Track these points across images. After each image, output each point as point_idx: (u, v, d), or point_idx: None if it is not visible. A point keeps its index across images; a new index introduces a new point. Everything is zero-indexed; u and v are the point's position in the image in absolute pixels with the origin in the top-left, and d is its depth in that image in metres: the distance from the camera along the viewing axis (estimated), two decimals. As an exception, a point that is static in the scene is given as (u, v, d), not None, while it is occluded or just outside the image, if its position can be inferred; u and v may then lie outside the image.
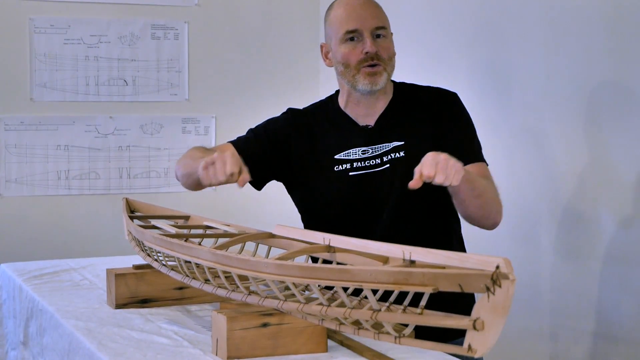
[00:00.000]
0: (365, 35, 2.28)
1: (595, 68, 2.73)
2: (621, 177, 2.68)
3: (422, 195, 2.27)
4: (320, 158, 2.36)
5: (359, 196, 2.32)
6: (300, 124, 2.43)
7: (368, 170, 2.31)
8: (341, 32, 2.30)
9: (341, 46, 2.31)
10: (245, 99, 4.38)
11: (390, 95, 2.38)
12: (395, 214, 2.29)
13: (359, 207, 2.32)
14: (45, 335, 2.35)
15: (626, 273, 2.67)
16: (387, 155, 2.31)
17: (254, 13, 4.37)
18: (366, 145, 2.33)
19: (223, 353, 1.83)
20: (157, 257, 2.21)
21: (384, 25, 2.30)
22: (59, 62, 4.08)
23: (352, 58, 2.29)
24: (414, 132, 2.32)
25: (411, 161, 2.24)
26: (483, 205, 2.22)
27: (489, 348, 1.34)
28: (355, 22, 2.28)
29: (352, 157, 2.33)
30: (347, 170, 2.32)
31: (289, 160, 2.40)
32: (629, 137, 2.65)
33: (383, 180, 2.30)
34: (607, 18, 2.70)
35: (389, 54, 2.30)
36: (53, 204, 4.10)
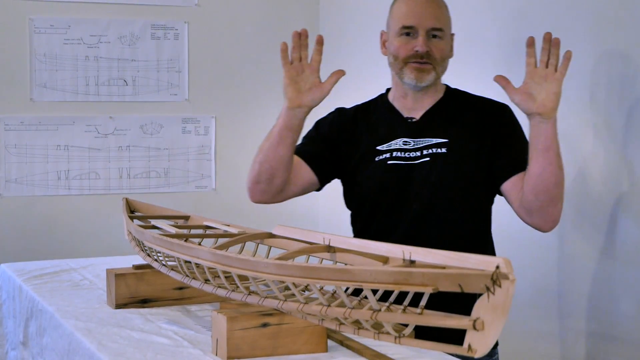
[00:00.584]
0: (420, 33, 2.32)
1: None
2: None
3: (458, 194, 2.31)
4: (365, 150, 2.40)
5: (393, 185, 2.35)
6: (346, 120, 2.48)
7: (406, 162, 2.35)
8: (398, 26, 2.36)
9: (396, 39, 2.37)
10: (245, 99, 4.38)
11: (440, 94, 2.42)
12: (426, 208, 2.32)
13: (393, 196, 2.36)
14: (45, 335, 2.35)
15: (626, 273, 2.67)
16: (428, 149, 2.34)
17: (254, 13, 4.37)
18: (408, 137, 2.37)
19: (223, 353, 1.83)
20: (157, 257, 2.21)
21: (441, 27, 2.34)
22: (59, 62, 4.08)
23: (402, 52, 2.35)
24: (459, 132, 2.34)
25: (452, 158, 2.29)
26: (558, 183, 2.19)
27: (489, 348, 1.34)
28: (412, 19, 2.34)
29: (393, 147, 2.37)
30: (386, 159, 2.36)
31: (339, 155, 2.45)
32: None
33: (420, 173, 2.33)
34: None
35: (441, 55, 2.34)
36: (53, 204, 4.10)
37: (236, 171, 4.37)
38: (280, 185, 2.39)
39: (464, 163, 2.32)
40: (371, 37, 4.02)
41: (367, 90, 3.99)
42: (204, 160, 4.31)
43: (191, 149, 4.28)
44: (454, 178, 2.31)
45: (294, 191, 2.45)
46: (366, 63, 4.03)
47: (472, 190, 2.34)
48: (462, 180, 2.32)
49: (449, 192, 2.32)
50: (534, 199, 2.22)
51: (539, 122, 2.13)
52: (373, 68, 3.98)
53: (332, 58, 4.37)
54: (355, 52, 4.15)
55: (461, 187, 2.32)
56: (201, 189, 4.31)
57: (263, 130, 4.40)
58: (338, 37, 4.31)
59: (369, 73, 3.99)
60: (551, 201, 2.22)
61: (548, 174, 2.18)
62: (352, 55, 4.17)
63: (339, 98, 4.39)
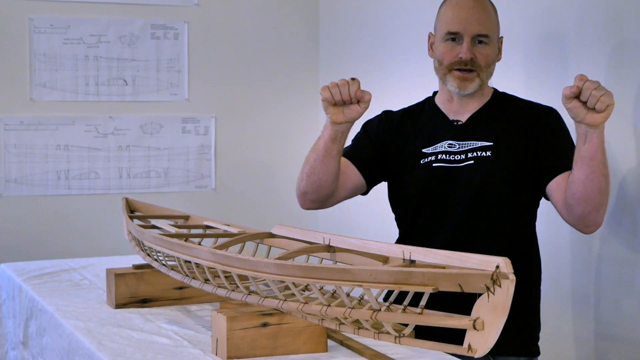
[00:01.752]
0: (465, 39, 2.31)
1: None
2: (628, 177, 2.67)
3: (501, 197, 2.31)
4: (410, 153, 2.41)
5: (438, 188, 2.35)
6: (393, 123, 2.48)
7: (451, 164, 2.34)
8: (444, 30, 2.35)
9: (441, 44, 2.35)
10: (245, 99, 4.38)
11: (487, 98, 2.41)
12: (470, 211, 2.32)
13: (437, 199, 2.36)
14: (45, 335, 2.35)
15: (626, 273, 2.67)
16: (473, 152, 2.34)
17: (254, 13, 4.37)
18: (454, 139, 2.37)
19: (223, 353, 1.84)
20: (157, 257, 2.21)
21: (487, 34, 2.32)
22: (58, 62, 4.08)
23: (447, 58, 2.33)
24: (505, 136, 2.33)
25: (497, 162, 2.29)
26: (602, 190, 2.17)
27: (489, 348, 1.34)
28: (458, 25, 2.32)
29: (438, 149, 2.37)
30: (431, 162, 2.36)
31: (386, 157, 2.45)
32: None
33: (464, 176, 2.33)
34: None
35: (487, 61, 2.33)
36: (53, 204, 4.10)
37: (236, 171, 4.38)
38: (329, 194, 2.39)
39: (508, 167, 2.31)
40: (371, 36, 4.03)
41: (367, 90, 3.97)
42: (204, 160, 4.30)
43: (191, 149, 4.28)
44: (498, 182, 2.31)
45: (343, 195, 2.45)
46: (366, 63, 4.03)
47: (516, 194, 2.32)
48: (506, 184, 2.31)
49: (492, 196, 2.31)
50: (575, 204, 2.20)
51: (586, 130, 2.10)
52: (373, 68, 3.98)
53: (332, 58, 4.38)
54: (356, 52, 4.15)
55: (505, 190, 2.31)
56: (201, 188, 4.31)
57: (263, 130, 4.45)
58: (338, 37, 4.31)
59: (369, 73, 3.99)
60: (593, 208, 2.20)
61: (591, 182, 2.15)
62: (352, 56, 4.17)
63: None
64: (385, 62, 3.89)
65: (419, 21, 3.62)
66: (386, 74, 3.87)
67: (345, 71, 4.21)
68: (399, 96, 3.71)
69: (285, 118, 4.43)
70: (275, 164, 4.44)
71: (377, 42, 3.95)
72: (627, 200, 2.67)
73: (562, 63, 2.92)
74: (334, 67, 4.33)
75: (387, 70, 3.87)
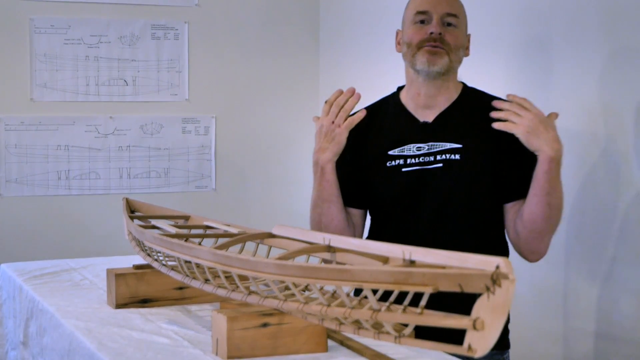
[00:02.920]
0: (435, 18, 2.32)
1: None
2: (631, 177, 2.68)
3: (472, 200, 2.30)
4: (376, 154, 2.39)
5: (408, 191, 2.34)
6: (359, 126, 2.41)
7: (420, 167, 2.33)
8: (412, 13, 2.36)
9: (410, 27, 2.36)
10: (245, 99, 4.38)
11: (455, 95, 2.39)
12: (441, 214, 2.32)
13: (408, 202, 2.35)
14: (45, 335, 2.35)
15: (626, 273, 2.67)
16: (441, 154, 2.32)
17: (254, 13, 4.37)
18: (421, 142, 2.35)
19: (223, 353, 1.83)
20: (157, 257, 2.21)
21: (455, 14, 2.33)
22: (59, 62, 4.08)
23: (416, 37, 2.33)
24: (474, 138, 2.32)
25: (466, 165, 2.28)
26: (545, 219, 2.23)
27: (489, 348, 1.34)
28: (426, 5, 2.34)
29: (407, 153, 2.35)
30: (400, 166, 2.35)
31: (356, 160, 2.42)
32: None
33: (434, 179, 2.32)
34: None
35: (455, 42, 2.33)
36: (53, 204, 4.10)
37: (236, 171, 4.38)
38: (342, 224, 2.39)
39: (477, 170, 2.31)
40: (371, 36, 4.03)
41: (367, 91, 3.98)
42: (204, 160, 4.31)
43: (191, 149, 4.28)
44: (468, 185, 2.31)
45: (357, 230, 2.44)
46: (366, 63, 4.03)
47: (486, 196, 2.33)
48: (476, 187, 2.31)
49: (462, 199, 2.31)
50: (521, 225, 2.26)
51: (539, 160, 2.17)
52: (373, 68, 3.98)
53: (333, 58, 4.38)
54: (356, 52, 4.15)
55: (475, 193, 2.31)
56: (201, 189, 4.31)
57: (263, 130, 4.45)
58: (338, 37, 4.31)
59: (369, 73, 3.99)
60: (538, 234, 2.24)
61: (535, 206, 2.21)
62: (352, 56, 4.18)
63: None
64: (385, 62, 3.89)
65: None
66: (386, 74, 3.86)
67: (345, 71, 4.21)
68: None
69: (285, 118, 4.43)
70: (275, 164, 4.44)
71: (378, 42, 3.95)
72: (624, 202, 2.68)
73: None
74: (334, 68, 4.33)
75: (388, 70, 3.87)
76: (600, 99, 2.75)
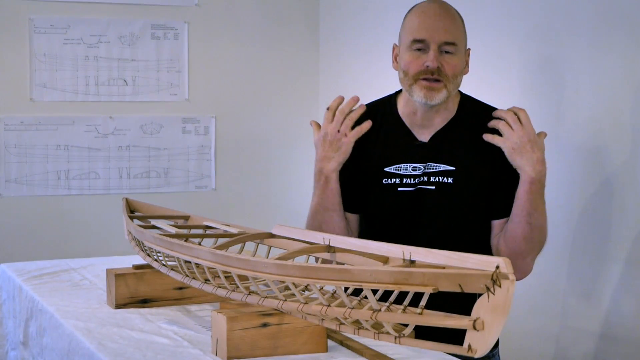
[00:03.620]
0: (432, 47, 2.22)
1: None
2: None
3: (466, 222, 2.29)
4: (372, 167, 2.35)
5: (403, 212, 2.31)
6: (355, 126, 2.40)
7: (415, 188, 2.30)
8: (409, 39, 2.26)
9: (406, 53, 2.26)
10: (245, 99, 4.38)
11: (452, 112, 2.33)
12: (435, 235, 2.29)
13: (402, 223, 2.32)
14: (45, 335, 2.35)
15: (626, 273, 2.67)
16: (435, 176, 2.29)
17: (254, 13, 4.37)
18: (417, 162, 2.30)
19: (223, 353, 1.83)
20: (157, 257, 2.21)
21: (454, 42, 2.23)
22: (58, 62, 4.08)
23: (412, 68, 2.24)
24: (467, 161, 2.28)
25: (457, 190, 2.26)
26: (526, 240, 2.22)
27: (489, 348, 1.34)
28: (423, 33, 2.23)
29: (402, 172, 2.31)
30: (396, 185, 2.31)
31: (354, 167, 2.39)
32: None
33: (428, 201, 2.29)
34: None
35: (454, 71, 2.23)
36: (53, 204, 4.10)
37: (236, 171, 4.38)
38: (343, 232, 2.36)
39: (469, 194, 2.27)
40: (371, 37, 4.03)
41: (367, 90, 3.98)
42: (204, 160, 4.31)
43: (191, 149, 4.28)
44: (461, 209, 2.28)
45: (353, 236, 2.40)
46: (366, 63, 4.03)
47: (480, 217, 2.30)
48: (469, 210, 2.29)
49: (456, 221, 2.28)
50: (503, 244, 2.25)
51: (521, 179, 2.18)
52: (373, 68, 3.98)
53: (333, 58, 4.38)
54: (356, 52, 4.15)
55: (468, 216, 2.29)
56: (201, 189, 4.31)
57: (263, 130, 4.44)
58: (338, 37, 4.31)
59: (370, 73, 3.99)
60: (519, 254, 2.22)
61: (516, 226, 2.21)
62: (352, 56, 4.17)
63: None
64: (385, 62, 3.88)
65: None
66: (387, 75, 3.86)
67: (345, 71, 4.21)
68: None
69: (285, 118, 4.43)
70: (275, 164, 4.44)
71: (378, 42, 3.95)
72: (626, 201, 2.68)
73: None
74: (334, 68, 4.33)
75: (388, 70, 3.86)
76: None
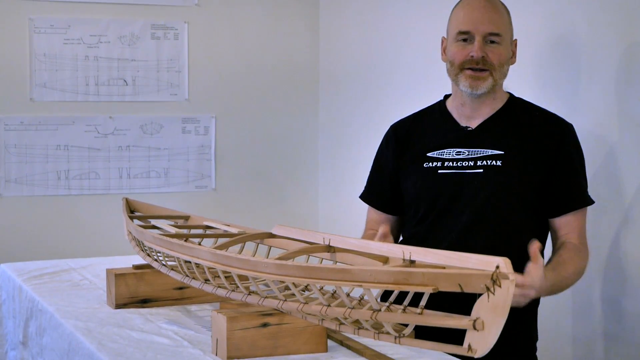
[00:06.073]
0: (477, 39, 2.28)
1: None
2: (624, 177, 2.67)
3: (509, 207, 2.28)
4: (414, 155, 2.38)
5: (444, 194, 2.32)
6: (400, 134, 2.45)
7: (458, 171, 2.31)
8: (455, 31, 2.32)
9: (453, 45, 2.33)
10: (245, 99, 4.38)
11: (500, 103, 2.36)
12: (477, 219, 2.29)
13: (443, 206, 2.32)
14: (45, 335, 2.35)
15: (626, 273, 2.67)
16: (482, 160, 2.30)
17: (254, 13, 4.37)
18: (462, 147, 2.33)
19: (223, 353, 1.84)
20: (157, 257, 2.21)
21: (498, 32, 2.29)
22: (58, 62, 4.08)
23: (458, 57, 2.30)
24: (516, 146, 2.29)
25: (507, 171, 2.26)
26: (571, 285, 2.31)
27: (489, 348, 1.34)
28: (469, 25, 2.29)
29: (445, 156, 2.34)
30: (436, 167, 2.34)
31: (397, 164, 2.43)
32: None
33: (472, 184, 2.29)
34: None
35: (499, 60, 2.29)
36: (53, 204, 4.10)
37: (236, 171, 4.38)
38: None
39: (518, 178, 2.27)
40: (371, 37, 4.03)
41: (367, 92, 3.99)
42: (204, 160, 4.31)
43: (191, 149, 4.28)
44: (507, 192, 2.27)
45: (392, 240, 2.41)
46: (367, 63, 4.03)
47: (524, 205, 2.29)
48: (516, 194, 2.28)
49: (500, 205, 2.28)
50: None
51: None
52: (373, 69, 3.98)
53: (333, 58, 4.38)
54: (356, 52, 4.14)
55: (514, 200, 2.28)
56: (201, 189, 4.31)
57: (263, 130, 4.44)
58: (338, 37, 4.31)
59: (370, 73, 3.99)
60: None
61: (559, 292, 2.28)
62: (352, 56, 4.17)
63: (338, 101, 4.41)
64: (385, 61, 3.89)
65: (420, 23, 3.62)
66: (386, 74, 3.87)
67: (345, 71, 4.21)
68: (401, 99, 3.72)
69: (285, 118, 4.43)
70: (275, 163, 4.44)
71: (378, 41, 3.95)
72: (632, 203, 2.68)
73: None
74: (334, 67, 4.33)
75: (388, 69, 3.87)
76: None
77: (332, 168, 4.36)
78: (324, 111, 4.39)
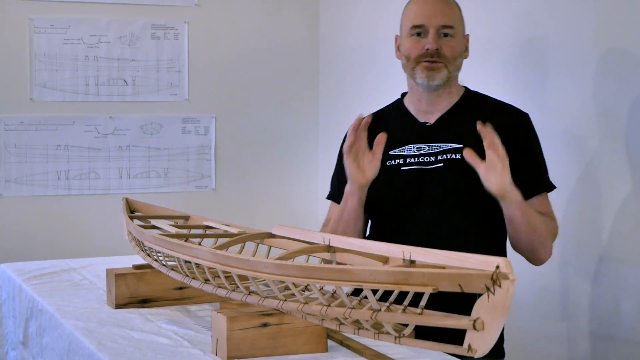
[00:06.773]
0: (431, 31, 2.33)
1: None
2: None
3: (472, 200, 2.30)
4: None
5: (408, 190, 2.35)
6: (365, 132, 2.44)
7: (420, 167, 2.34)
8: (408, 26, 2.37)
9: (407, 40, 2.37)
10: (245, 99, 4.38)
11: (456, 97, 2.41)
12: (441, 213, 2.32)
13: (407, 202, 2.35)
14: (45, 335, 2.35)
15: (626, 273, 2.67)
16: (442, 154, 2.34)
17: (254, 13, 4.37)
18: (422, 142, 2.37)
19: (223, 353, 1.83)
20: (157, 257, 2.21)
21: (451, 25, 2.34)
22: (58, 62, 4.08)
23: (414, 52, 2.35)
24: (475, 138, 2.26)
25: (467, 165, 2.26)
26: (534, 241, 2.27)
27: (489, 348, 1.34)
28: (422, 18, 2.34)
29: (406, 153, 2.37)
30: (399, 165, 2.36)
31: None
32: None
33: (435, 178, 2.32)
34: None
35: (452, 53, 2.34)
36: (53, 204, 4.10)
37: (236, 171, 4.38)
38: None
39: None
40: (371, 37, 4.03)
41: (367, 89, 3.99)
42: (204, 160, 4.31)
43: (191, 149, 4.28)
44: (469, 184, 2.28)
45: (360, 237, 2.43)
46: (367, 63, 4.03)
47: (487, 197, 2.28)
48: (477, 187, 2.26)
49: (463, 198, 2.31)
50: (515, 249, 2.32)
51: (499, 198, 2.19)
52: (373, 69, 3.98)
53: (333, 58, 4.38)
54: (356, 51, 4.15)
55: (476, 193, 2.27)
56: (201, 189, 4.31)
57: (263, 130, 4.44)
58: (338, 36, 4.31)
59: (370, 72, 3.99)
60: (530, 251, 2.30)
61: (519, 237, 2.27)
62: (352, 56, 4.18)
63: (338, 101, 4.40)
64: (385, 60, 3.89)
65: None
66: (386, 73, 3.87)
67: (345, 71, 4.21)
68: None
69: (285, 118, 4.43)
70: (275, 164, 4.44)
71: (378, 41, 3.95)
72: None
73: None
74: (334, 67, 4.33)
75: (388, 69, 3.87)
76: (595, 100, 2.75)
77: (332, 168, 4.36)
78: (324, 111, 4.39)
